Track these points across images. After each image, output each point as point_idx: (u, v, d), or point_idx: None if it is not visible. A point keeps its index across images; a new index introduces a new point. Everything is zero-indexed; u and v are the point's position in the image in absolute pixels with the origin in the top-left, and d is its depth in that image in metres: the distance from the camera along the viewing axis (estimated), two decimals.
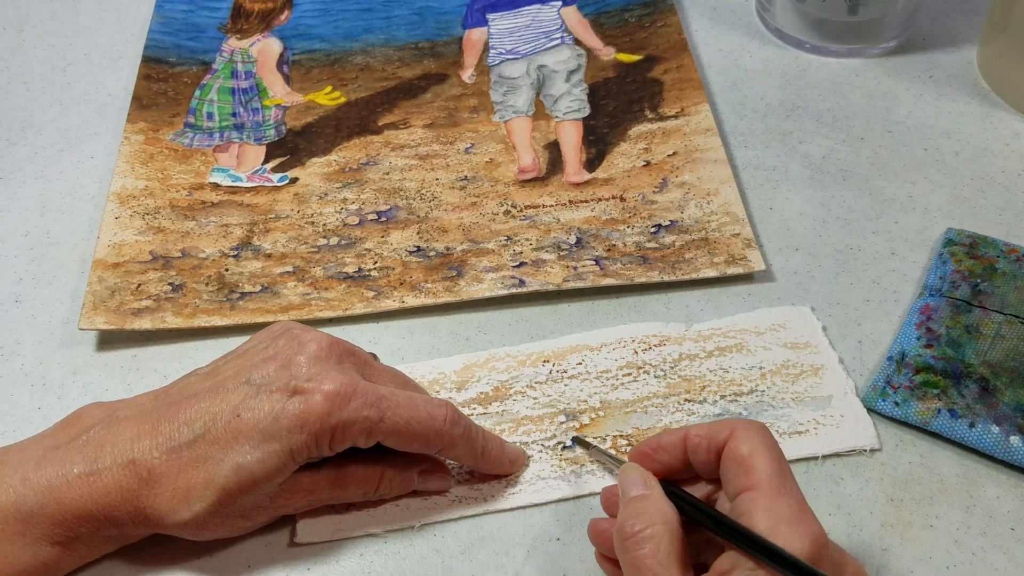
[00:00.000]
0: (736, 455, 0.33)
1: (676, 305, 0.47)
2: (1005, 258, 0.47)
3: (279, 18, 0.63)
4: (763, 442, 0.33)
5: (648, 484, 0.34)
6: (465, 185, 0.52)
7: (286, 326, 0.39)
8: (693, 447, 0.35)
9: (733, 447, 0.33)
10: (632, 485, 0.34)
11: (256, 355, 0.38)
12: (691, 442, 0.35)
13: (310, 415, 0.35)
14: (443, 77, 0.58)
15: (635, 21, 0.61)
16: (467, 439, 0.38)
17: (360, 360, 0.39)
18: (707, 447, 0.34)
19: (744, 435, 0.33)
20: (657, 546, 0.32)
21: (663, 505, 0.33)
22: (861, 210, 0.50)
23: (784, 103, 0.56)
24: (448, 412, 0.38)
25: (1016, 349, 0.43)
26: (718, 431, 0.34)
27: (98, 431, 0.36)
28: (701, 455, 0.35)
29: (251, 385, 0.36)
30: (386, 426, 0.36)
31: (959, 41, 0.59)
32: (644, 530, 0.32)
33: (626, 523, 0.33)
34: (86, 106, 0.58)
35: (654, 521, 0.32)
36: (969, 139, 0.54)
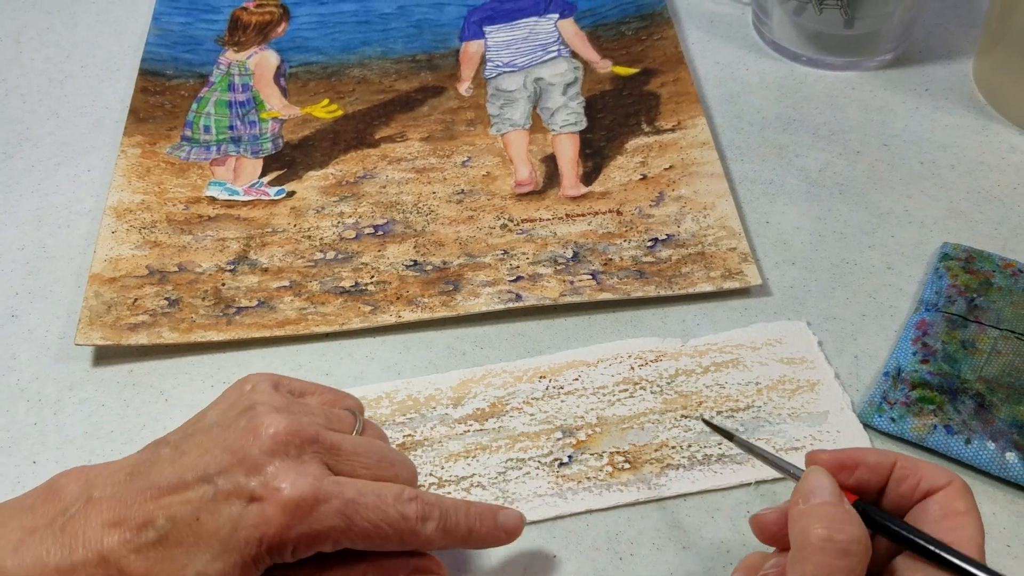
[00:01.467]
0: (951, 508, 0.32)
1: (673, 320, 0.47)
2: (1001, 273, 0.47)
3: (276, 30, 0.63)
4: (974, 509, 0.32)
5: (843, 500, 0.32)
6: (462, 199, 0.52)
7: (252, 399, 0.36)
8: (899, 477, 0.34)
9: (948, 499, 0.32)
10: (822, 490, 0.32)
11: (217, 437, 0.35)
12: (898, 471, 0.34)
13: (268, 528, 0.32)
14: (440, 90, 0.58)
15: (632, 34, 0.61)
16: (445, 532, 0.35)
17: (326, 445, 0.35)
18: (915, 484, 0.33)
19: (963, 493, 0.33)
20: (856, 566, 0.30)
21: (865, 529, 0.31)
22: (857, 224, 0.50)
23: (781, 116, 0.56)
24: (418, 508, 0.35)
25: (1012, 365, 0.43)
26: (935, 476, 0.33)
27: (73, 513, 0.34)
28: (903, 489, 0.34)
29: (210, 484, 0.34)
30: (354, 533, 0.33)
31: (955, 54, 0.59)
32: (853, 545, 0.30)
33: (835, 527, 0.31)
34: (83, 119, 0.58)
35: (860, 539, 0.31)
36: (965, 152, 0.54)
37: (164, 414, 0.44)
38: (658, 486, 0.41)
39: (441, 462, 0.42)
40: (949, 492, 0.32)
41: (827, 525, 0.31)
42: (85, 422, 0.44)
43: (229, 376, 0.45)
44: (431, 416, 0.44)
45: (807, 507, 0.32)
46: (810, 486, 0.33)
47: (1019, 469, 0.40)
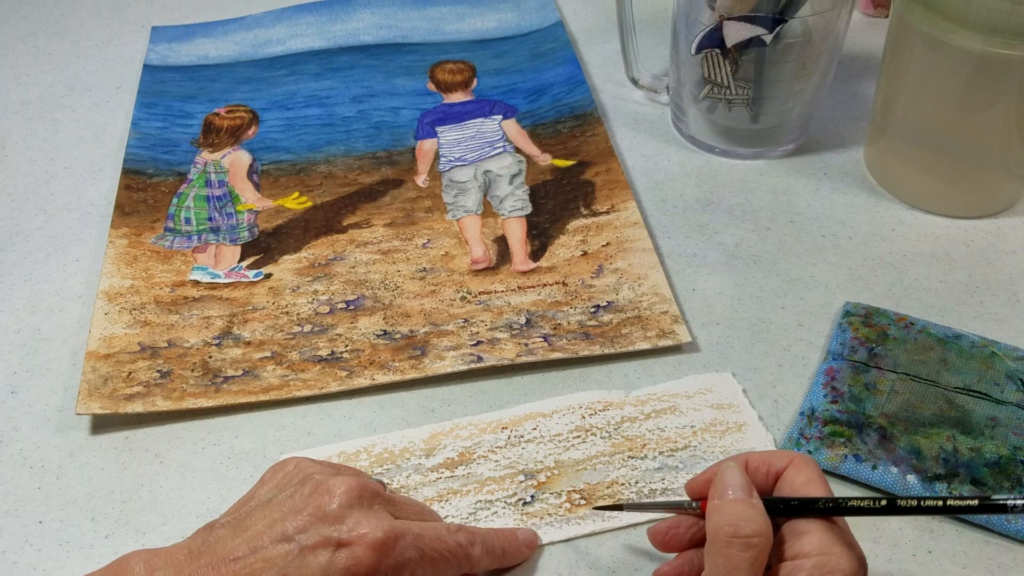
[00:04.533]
0: (792, 483, 0.38)
1: (616, 374, 0.53)
2: (895, 326, 0.54)
3: (247, 133, 0.69)
4: (817, 474, 0.38)
5: (752, 492, 0.37)
6: (424, 275, 0.58)
7: (305, 471, 0.40)
8: (753, 470, 0.39)
9: (791, 475, 0.38)
10: (735, 487, 0.37)
11: (283, 505, 0.38)
12: (752, 466, 0.39)
13: (360, 567, 0.37)
14: (400, 182, 0.65)
15: (567, 131, 0.69)
16: (487, 553, 0.42)
17: (386, 498, 0.41)
18: (766, 471, 0.39)
19: (802, 466, 0.38)
20: (758, 555, 0.35)
21: (767, 519, 0.36)
22: (771, 289, 0.58)
23: (700, 199, 0.64)
24: (466, 536, 0.41)
25: (908, 402, 0.50)
26: (777, 459, 0.39)
27: None
28: (760, 478, 0.39)
29: (290, 542, 0.37)
30: (426, 562, 0.39)
31: (848, 143, 0.68)
32: (753, 537, 0.35)
33: (739, 522, 0.35)
34: (69, 214, 0.63)
35: (763, 531, 0.35)
36: (860, 226, 0.62)
37: (160, 474, 0.48)
38: (611, 518, 0.46)
39: None
40: (791, 471, 0.38)
41: (734, 521, 0.36)
42: (87, 484, 0.48)
43: (218, 438, 0.50)
44: (406, 466, 0.49)
45: (720, 503, 0.37)
46: (724, 483, 0.38)
47: (919, 489, 0.47)
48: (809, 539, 0.36)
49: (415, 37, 0.78)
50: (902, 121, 0.62)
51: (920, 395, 0.50)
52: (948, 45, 0.55)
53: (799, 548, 0.36)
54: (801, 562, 0.35)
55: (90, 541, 0.45)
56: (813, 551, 0.36)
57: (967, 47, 0.55)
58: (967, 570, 0.45)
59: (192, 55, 0.77)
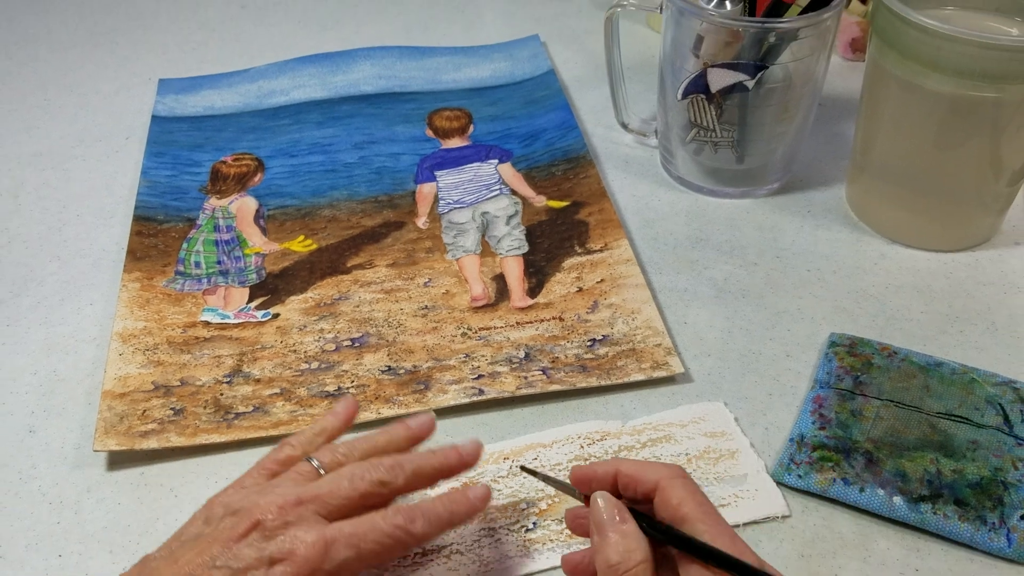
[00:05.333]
0: (668, 506, 0.38)
1: (613, 405, 0.55)
2: (879, 355, 0.57)
3: (253, 180, 0.72)
4: (688, 491, 0.39)
5: (623, 516, 0.38)
6: (426, 313, 0.60)
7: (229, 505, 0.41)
8: (623, 485, 0.40)
9: (664, 499, 0.39)
10: (608, 517, 0.38)
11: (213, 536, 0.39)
12: (622, 480, 0.40)
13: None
14: (401, 224, 0.68)
15: (561, 174, 0.72)
16: (432, 523, 0.41)
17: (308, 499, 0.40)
18: (635, 488, 0.40)
19: (670, 488, 0.39)
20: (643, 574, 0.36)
21: (642, 540, 0.37)
22: (759, 321, 0.60)
23: (689, 237, 0.67)
24: (404, 516, 0.41)
25: (893, 427, 0.52)
26: (644, 479, 0.39)
27: None
28: (630, 493, 0.40)
29: (222, 568, 0.37)
30: (365, 555, 0.40)
31: (830, 182, 0.71)
32: (630, 567, 0.37)
33: (611, 555, 0.37)
34: (82, 260, 0.65)
35: (636, 558, 0.37)
36: (844, 260, 0.65)
37: (175, 507, 0.50)
38: None
39: None
40: (661, 495, 0.39)
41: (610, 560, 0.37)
42: (104, 519, 0.49)
43: (231, 472, 0.52)
44: (412, 496, 0.51)
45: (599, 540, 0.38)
46: (596, 518, 0.39)
47: (904, 510, 0.49)
48: None
49: (413, 86, 0.81)
50: (881, 160, 0.65)
51: (904, 420, 0.52)
52: (921, 88, 0.59)
53: None
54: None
55: (109, 572, 0.47)
56: None
57: (939, 90, 0.58)
58: None
59: (199, 106, 0.80)
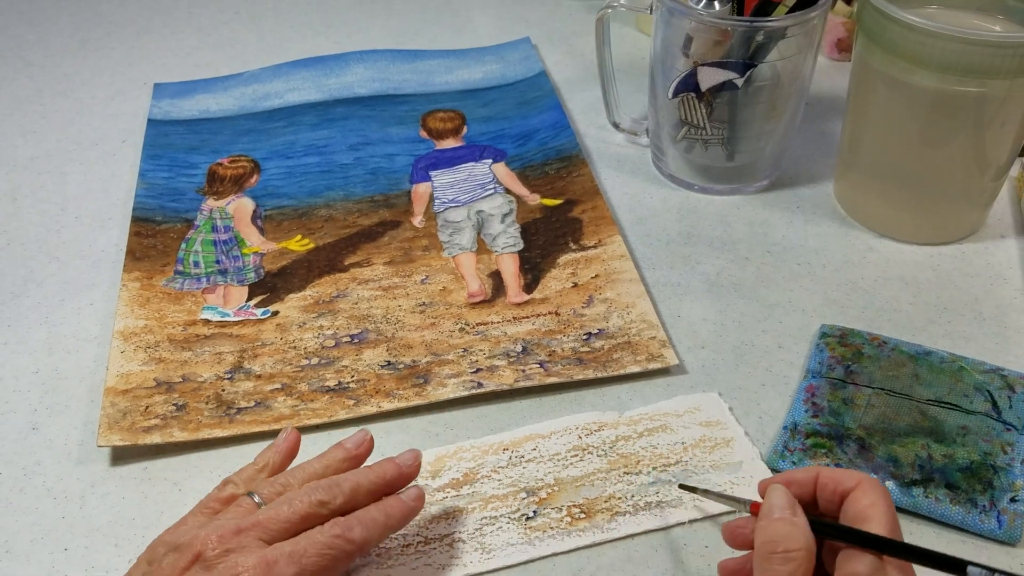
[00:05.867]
0: (858, 504, 0.39)
1: (609, 397, 0.56)
2: (869, 345, 0.58)
3: (249, 181, 0.72)
4: (882, 497, 0.39)
5: (795, 510, 0.40)
6: (424, 309, 0.61)
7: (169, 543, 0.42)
8: (822, 486, 0.41)
9: (857, 496, 0.40)
10: (779, 507, 0.40)
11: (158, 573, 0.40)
12: (821, 481, 0.41)
13: None
14: (397, 223, 0.69)
15: (554, 172, 0.73)
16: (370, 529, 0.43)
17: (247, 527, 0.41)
18: (833, 488, 0.41)
19: (868, 488, 0.40)
20: (798, 567, 0.37)
21: (809, 533, 0.39)
22: (752, 314, 0.61)
23: (681, 233, 0.68)
24: (341, 526, 0.42)
25: (884, 414, 0.53)
26: (846, 479, 0.40)
27: None
28: (827, 495, 0.41)
29: None
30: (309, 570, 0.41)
31: (818, 178, 0.72)
32: (792, 550, 0.38)
33: (776, 537, 0.38)
34: (82, 261, 0.66)
35: (801, 545, 0.38)
36: (833, 254, 0.66)
37: (179, 502, 0.51)
38: (610, 530, 0.49)
39: (426, 524, 0.49)
40: (858, 491, 0.40)
41: (774, 538, 0.39)
42: (109, 513, 0.50)
43: (234, 466, 0.52)
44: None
45: (765, 523, 0.40)
46: (770, 503, 0.40)
47: (897, 495, 0.50)
48: (860, 562, 0.38)
49: (407, 89, 0.82)
50: (868, 156, 0.66)
51: (895, 408, 0.54)
52: (906, 84, 0.60)
53: (851, 569, 0.38)
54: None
55: (115, 565, 0.48)
56: (863, 572, 0.37)
57: (924, 86, 0.59)
58: None
59: (194, 109, 0.80)
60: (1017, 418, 0.53)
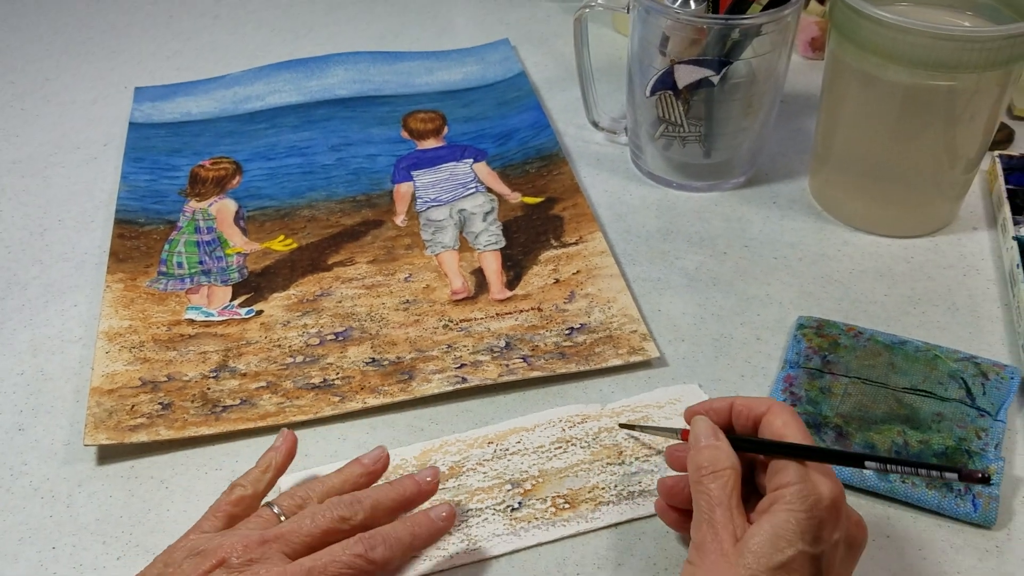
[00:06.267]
0: (772, 426, 0.43)
1: (592, 390, 0.57)
2: (845, 335, 0.59)
3: (231, 183, 0.73)
4: (793, 417, 0.43)
5: (718, 435, 0.44)
6: (408, 307, 0.62)
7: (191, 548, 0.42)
8: (737, 413, 0.45)
9: (769, 420, 0.43)
10: (704, 435, 0.44)
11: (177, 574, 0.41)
12: (736, 409, 0.45)
13: None
14: (380, 223, 0.69)
15: (535, 171, 0.73)
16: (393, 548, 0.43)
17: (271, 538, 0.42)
18: (747, 415, 0.44)
19: (779, 410, 0.43)
20: (726, 482, 0.41)
21: (731, 453, 0.42)
22: (730, 307, 0.62)
23: (660, 229, 0.69)
24: (363, 544, 0.42)
25: (861, 403, 0.55)
26: (758, 405, 0.44)
27: None
28: (742, 420, 0.45)
29: None
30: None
31: (794, 174, 0.74)
32: (718, 470, 0.42)
33: (704, 462, 0.42)
34: (65, 263, 0.66)
35: (725, 464, 0.42)
36: (809, 248, 0.67)
37: (166, 499, 0.51)
38: (594, 519, 0.50)
39: None
40: (770, 414, 0.44)
41: (702, 462, 0.42)
42: (96, 511, 0.50)
43: (220, 463, 0.53)
44: None
45: (694, 451, 0.43)
46: (695, 433, 0.44)
47: (874, 480, 0.51)
48: (788, 472, 0.41)
49: (387, 90, 0.83)
50: (841, 151, 0.67)
51: (871, 396, 0.55)
52: (878, 79, 0.61)
53: (780, 480, 0.41)
54: (782, 491, 0.40)
55: (103, 563, 0.48)
56: (793, 480, 0.40)
57: (896, 80, 0.60)
58: (923, 551, 0.49)
59: (175, 112, 0.81)
60: (991, 404, 0.54)
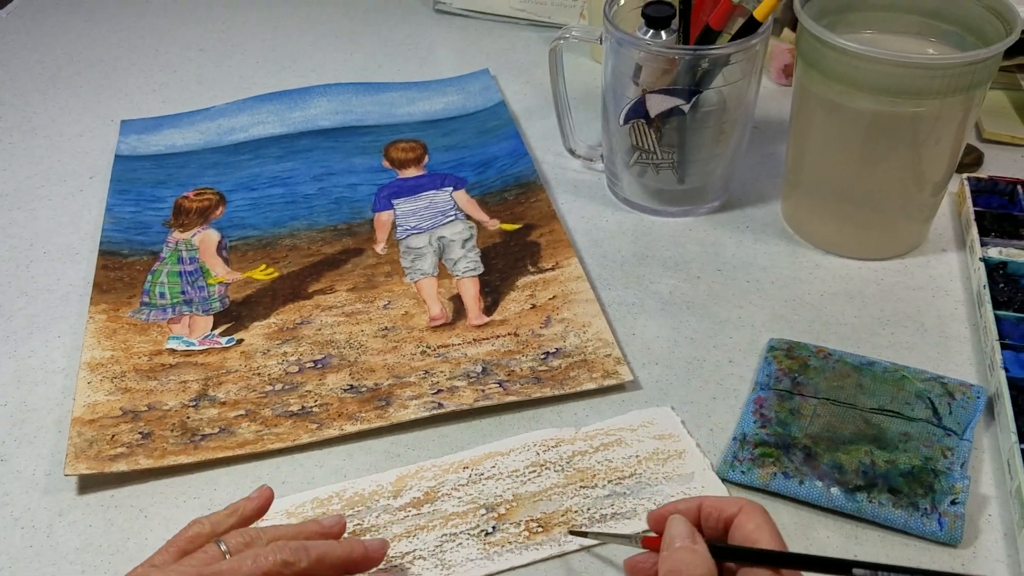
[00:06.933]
0: (744, 529, 0.41)
1: (567, 413, 0.58)
2: (815, 357, 0.60)
3: (215, 213, 0.74)
4: (766, 520, 0.41)
5: (695, 538, 0.41)
6: (386, 333, 0.63)
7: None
8: (706, 515, 0.43)
9: (741, 522, 0.41)
10: (680, 536, 0.41)
11: None
12: (704, 510, 0.43)
13: None
14: (360, 251, 0.70)
15: (513, 199, 0.75)
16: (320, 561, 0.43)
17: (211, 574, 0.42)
18: (717, 516, 0.42)
19: (751, 512, 0.41)
20: None
21: (710, 558, 0.40)
22: (703, 330, 0.63)
23: (636, 254, 0.70)
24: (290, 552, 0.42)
25: (829, 423, 0.56)
26: (728, 505, 0.42)
27: None
28: (712, 523, 0.43)
29: None
30: None
31: (766, 199, 0.75)
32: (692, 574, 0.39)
33: (681, 567, 0.40)
34: (50, 295, 0.67)
35: (704, 571, 0.39)
36: (781, 271, 0.68)
37: (145, 527, 0.52)
38: (566, 543, 0.51)
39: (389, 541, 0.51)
40: (742, 516, 0.42)
41: (678, 567, 0.40)
42: (76, 540, 0.51)
43: (199, 492, 0.54)
44: (375, 507, 0.53)
45: (668, 552, 0.41)
46: (671, 534, 0.42)
47: (842, 500, 0.52)
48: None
49: (369, 120, 0.84)
50: (811, 176, 0.68)
51: (840, 416, 0.56)
52: (844, 107, 0.63)
53: None
54: None
55: None
56: None
57: (860, 107, 0.62)
58: None
59: (161, 145, 0.82)
60: (957, 423, 0.55)
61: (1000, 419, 0.56)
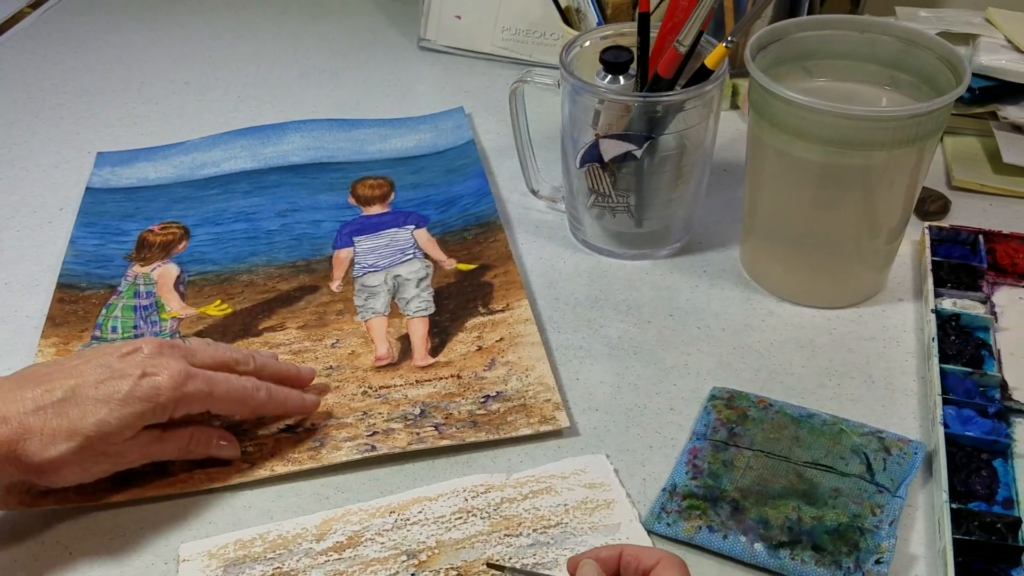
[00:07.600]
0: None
1: (501, 459, 0.58)
2: (755, 407, 0.59)
3: (178, 247, 0.75)
4: (681, 573, 0.43)
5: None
6: (331, 373, 0.63)
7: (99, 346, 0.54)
8: (625, 564, 0.44)
9: (658, 573, 0.43)
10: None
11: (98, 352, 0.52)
12: (624, 559, 0.45)
13: (159, 392, 0.51)
14: (315, 288, 0.71)
15: (472, 238, 0.75)
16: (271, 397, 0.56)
17: (183, 349, 0.54)
18: (636, 567, 0.44)
19: (668, 565, 0.43)
20: None
21: None
22: (648, 377, 0.63)
23: (589, 296, 0.70)
24: (252, 382, 0.55)
25: (761, 476, 0.55)
26: (648, 557, 0.44)
27: None
28: (630, 573, 0.44)
29: (106, 368, 0.50)
30: (214, 398, 0.53)
31: (725, 243, 0.75)
32: None
33: None
34: (5, 326, 0.68)
35: None
36: (734, 317, 0.68)
37: (68, 567, 0.52)
38: None
39: None
40: (659, 568, 0.43)
41: None
42: None
43: (128, 528, 0.54)
44: (297, 551, 0.53)
45: None
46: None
47: (764, 556, 0.51)
48: None
49: (340, 157, 0.85)
50: (766, 222, 0.68)
51: (772, 469, 0.55)
52: (792, 156, 0.62)
53: None
54: None
55: None
56: None
57: (809, 157, 0.62)
58: None
59: (133, 178, 0.83)
60: (890, 480, 0.54)
61: (936, 476, 0.55)
